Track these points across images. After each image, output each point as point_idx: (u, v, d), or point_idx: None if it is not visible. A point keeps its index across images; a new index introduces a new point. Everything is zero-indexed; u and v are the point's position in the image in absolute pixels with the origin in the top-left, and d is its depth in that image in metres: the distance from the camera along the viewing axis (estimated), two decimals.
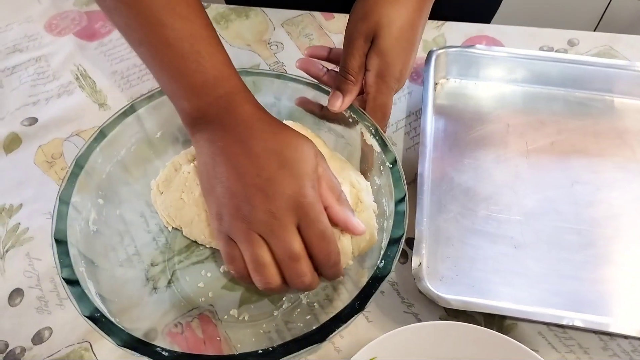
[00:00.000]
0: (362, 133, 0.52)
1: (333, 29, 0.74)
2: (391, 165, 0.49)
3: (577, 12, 1.51)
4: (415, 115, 0.65)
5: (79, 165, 0.49)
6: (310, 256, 0.43)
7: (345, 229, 0.44)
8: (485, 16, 0.83)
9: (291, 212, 0.41)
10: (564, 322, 0.47)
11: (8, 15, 0.76)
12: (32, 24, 0.75)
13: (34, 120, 0.65)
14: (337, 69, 0.54)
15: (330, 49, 0.59)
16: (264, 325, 0.50)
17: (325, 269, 0.44)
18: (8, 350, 0.49)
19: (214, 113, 0.44)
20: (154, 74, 0.46)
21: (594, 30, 1.39)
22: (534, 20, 0.78)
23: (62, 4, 0.77)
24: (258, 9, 0.76)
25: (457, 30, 0.73)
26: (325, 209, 0.43)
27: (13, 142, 0.63)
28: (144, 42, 0.45)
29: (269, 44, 0.73)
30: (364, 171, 0.53)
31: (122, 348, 0.39)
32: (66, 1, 0.78)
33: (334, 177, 0.45)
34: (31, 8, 0.77)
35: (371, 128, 0.51)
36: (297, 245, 0.41)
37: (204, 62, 0.44)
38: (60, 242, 0.45)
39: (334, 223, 0.44)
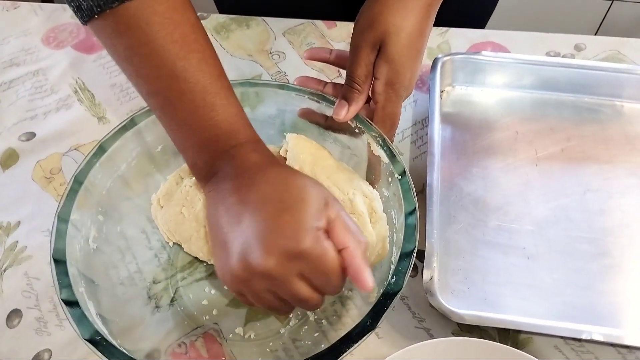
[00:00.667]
0: (369, 143, 0.51)
1: (335, 37, 0.73)
2: (400, 177, 0.48)
3: (578, 17, 1.51)
4: (421, 123, 0.64)
5: (78, 181, 0.48)
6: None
7: (353, 279, 0.39)
8: (480, 19, 0.82)
9: (290, 264, 0.38)
10: (583, 337, 0.45)
11: (4, 29, 0.75)
12: (29, 37, 0.74)
13: (32, 135, 0.64)
14: (337, 80, 0.53)
15: (331, 50, 0.57)
16: (271, 344, 0.49)
17: (331, 295, 0.43)
18: None
19: (222, 164, 0.44)
20: (164, 125, 0.46)
21: (595, 34, 1.39)
22: (535, 25, 0.76)
23: (60, 17, 0.76)
24: (259, 18, 0.75)
25: (461, 37, 0.72)
26: (342, 251, 0.39)
27: (10, 158, 0.62)
28: (154, 94, 0.44)
29: (270, 53, 0.71)
30: (371, 182, 0.52)
31: None
32: (63, 14, 0.76)
33: (353, 221, 0.41)
34: (28, 21, 0.75)
35: (378, 138, 0.50)
36: (303, 292, 0.39)
37: (217, 116, 0.43)
38: (59, 262, 0.43)
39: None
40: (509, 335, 0.49)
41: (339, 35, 0.73)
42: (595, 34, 1.43)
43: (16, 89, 0.68)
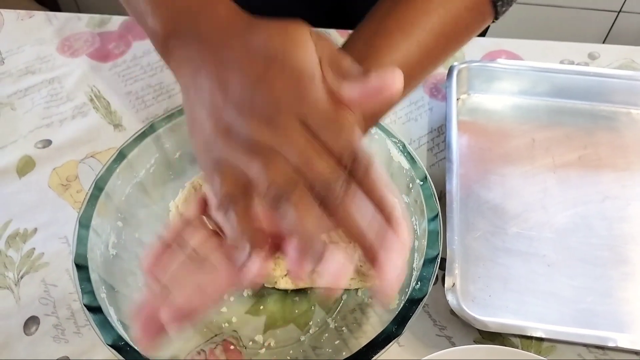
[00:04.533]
0: (389, 149, 0.51)
1: None
2: (421, 182, 0.47)
3: (585, 27, 1.51)
4: (437, 131, 0.64)
5: (98, 187, 0.47)
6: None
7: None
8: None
9: (289, 107, 0.32)
10: (609, 344, 0.45)
11: (19, 38, 0.75)
12: (44, 46, 0.74)
13: (48, 142, 0.64)
14: None
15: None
16: (291, 352, 0.48)
17: (343, 153, 0.33)
18: None
19: (185, 23, 0.37)
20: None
21: (603, 43, 1.39)
22: (543, 34, 0.77)
23: (75, 26, 0.76)
24: None
25: (475, 45, 0.72)
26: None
27: (27, 165, 0.62)
28: None
29: None
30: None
31: None
32: (78, 22, 0.77)
33: (340, 53, 0.35)
34: (43, 30, 0.76)
35: (399, 144, 0.50)
36: (302, 135, 0.32)
37: None
38: (81, 268, 0.43)
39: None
40: (531, 344, 0.49)
41: None
42: (603, 43, 1.44)
43: (32, 96, 0.68)
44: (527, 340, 0.49)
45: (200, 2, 0.37)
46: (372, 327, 0.49)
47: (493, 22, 0.48)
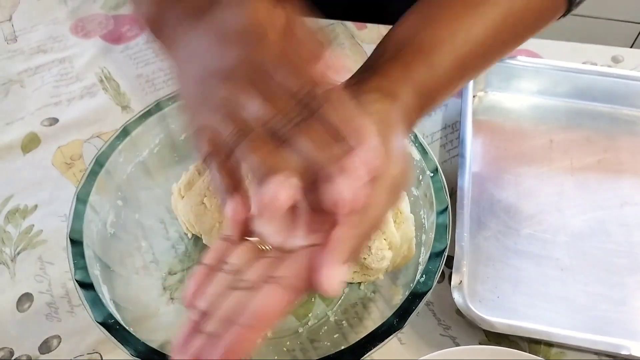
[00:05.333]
0: None
1: (365, 38, 0.72)
2: (432, 174, 0.46)
3: (613, 30, 1.48)
4: (451, 127, 0.62)
5: (99, 163, 0.46)
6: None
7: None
8: None
9: (245, 63, 0.32)
10: (622, 352, 0.42)
11: (34, 17, 0.74)
12: (57, 26, 0.73)
13: (55, 120, 0.63)
14: None
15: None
16: (288, 343, 0.47)
17: (292, 86, 0.32)
18: (13, 358, 0.46)
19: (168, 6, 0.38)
20: None
21: (631, 47, 1.36)
22: (568, 36, 0.74)
23: (90, 7, 0.76)
24: None
25: None
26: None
27: (32, 142, 0.61)
28: None
29: None
30: None
31: (136, 359, 0.36)
32: (93, 4, 0.76)
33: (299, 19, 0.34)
34: (58, 10, 0.75)
35: (410, 135, 0.48)
36: (266, 83, 0.32)
37: None
38: (76, 243, 0.42)
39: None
40: (540, 349, 0.46)
41: (369, 37, 0.72)
42: (631, 47, 1.41)
43: (42, 75, 0.68)
44: (536, 345, 0.46)
45: None
46: (374, 322, 0.47)
47: (564, 15, 0.45)
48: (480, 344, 0.47)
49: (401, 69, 0.38)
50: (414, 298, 0.39)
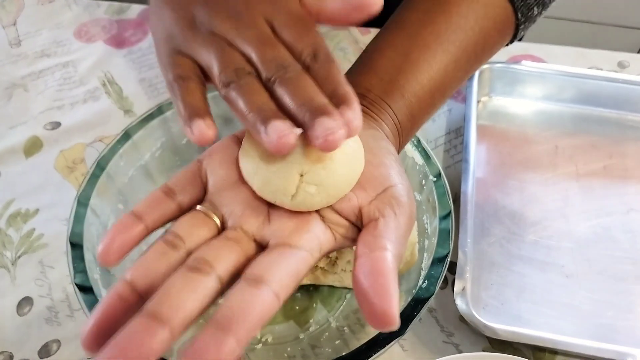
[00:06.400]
0: None
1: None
2: (435, 179, 0.45)
3: (619, 35, 1.48)
4: (455, 132, 0.62)
5: (100, 166, 0.46)
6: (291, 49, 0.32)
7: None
8: None
9: (257, 5, 0.33)
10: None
11: (38, 21, 0.75)
12: (61, 30, 0.73)
13: (57, 124, 0.63)
14: None
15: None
16: (289, 349, 0.46)
17: (297, 45, 0.32)
18: None
19: None
20: None
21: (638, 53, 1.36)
22: (574, 42, 0.74)
23: (93, 12, 0.76)
24: None
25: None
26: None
27: (34, 146, 0.61)
28: None
29: None
30: None
31: None
32: (97, 9, 0.76)
33: None
34: (62, 14, 0.75)
35: (413, 140, 0.47)
36: (264, 27, 0.32)
37: None
38: (76, 246, 0.41)
39: None
40: (544, 356, 0.46)
41: None
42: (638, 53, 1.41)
43: (45, 79, 0.68)
44: (540, 352, 0.46)
45: None
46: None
47: (506, 45, 0.47)
48: (483, 351, 0.46)
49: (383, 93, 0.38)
50: (416, 304, 0.38)
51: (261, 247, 0.30)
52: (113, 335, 0.24)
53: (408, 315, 0.38)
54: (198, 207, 0.31)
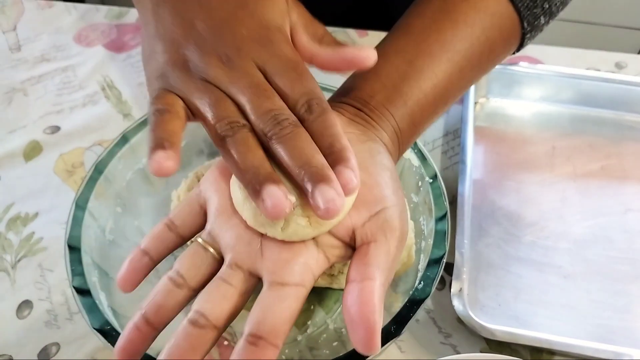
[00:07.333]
0: None
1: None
2: (431, 180, 0.45)
3: (619, 36, 1.48)
4: (453, 134, 0.62)
5: (98, 170, 0.46)
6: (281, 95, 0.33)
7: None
8: None
9: (249, 50, 0.33)
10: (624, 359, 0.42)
11: (38, 26, 0.75)
12: (61, 35, 0.74)
13: (57, 128, 0.63)
14: None
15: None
16: (287, 351, 0.46)
17: (292, 94, 0.32)
18: None
19: None
20: None
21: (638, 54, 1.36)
22: (572, 43, 0.74)
23: (93, 17, 0.76)
24: None
25: None
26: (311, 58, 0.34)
27: (34, 150, 0.61)
28: None
29: None
30: None
31: None
32: (97, 14, 0.77)
33: (315, 21, 0.36)
34: (62, 19, 0.76)
35: None
36: (257, 75, 0.32)
37: None
38: (74, 249, 0.42)
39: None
40: (542, 357, 0.46)
41: (370, 43, 0.72)
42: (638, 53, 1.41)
43: (45, 83, 0.68)
44: (538, 353, 0.46)
45: None
46: None
47: (513, 54, 0.47)
48: (481, 352, 0.46)
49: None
50: (412, 305, 0.39)
51: (257, 277, 0.31)
52: (134, 355, 0.31)
53: (404, 316, 0.38)
54: (199, 239, 0.33)
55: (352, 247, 0.32)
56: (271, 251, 0.31)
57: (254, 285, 0.32)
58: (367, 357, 0.36)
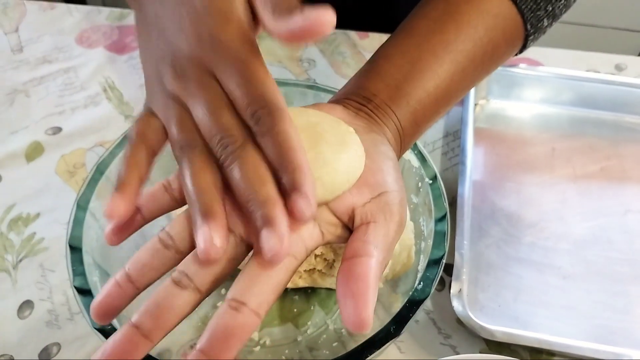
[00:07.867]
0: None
1: (367, 47, 0.72)
2: (431, 181, 0.45)
3: (620, 37, 1.48)
4: (453, 135, 0.62)
5: (100, 170, 0.46)
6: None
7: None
8: None
9: (200, 57, 0.31)
10: None
11: (40, 27, 0.75)
12: (63, 36, 0.74)
13: (58, 129, 0.63)
14: None
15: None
16: (287, 352, 0.46)
17: (244, 99, 0.30)
18: None
19: None
20: None
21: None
22: (572, 44, 0.75)
23: (95, 18, 0.77)
24: None
25: None
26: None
27: (35, 151, 0.61)
28: None
29: (300, 61, 0.71)
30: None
31: None
32: (98, 15, 0.77)
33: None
34: (63, 21, 0.76)
35: None
36: (209, 87, 0.31)
37: None
38: (75, 249, 0.42)
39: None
40: (541, 358, 0.46)
41: (370, 45, 0.72)
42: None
43: (47, 85, 0.68)
44: (538, 354, 0.46)
45: None
46: (373, 330, 0.47)
47: (515, 55, 0.47)
48: (480, 352, 0.47)
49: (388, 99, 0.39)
50: (412, 305, 0.39)
51: (248, 245, 0.31)
52: (110, 312, 0.30)
53: (404, 317, 0.38)
54: None
55: (349, 229, 0.32)
56: None
57: (244, 254, 0.31)
58: (367, 357, 0.36)
